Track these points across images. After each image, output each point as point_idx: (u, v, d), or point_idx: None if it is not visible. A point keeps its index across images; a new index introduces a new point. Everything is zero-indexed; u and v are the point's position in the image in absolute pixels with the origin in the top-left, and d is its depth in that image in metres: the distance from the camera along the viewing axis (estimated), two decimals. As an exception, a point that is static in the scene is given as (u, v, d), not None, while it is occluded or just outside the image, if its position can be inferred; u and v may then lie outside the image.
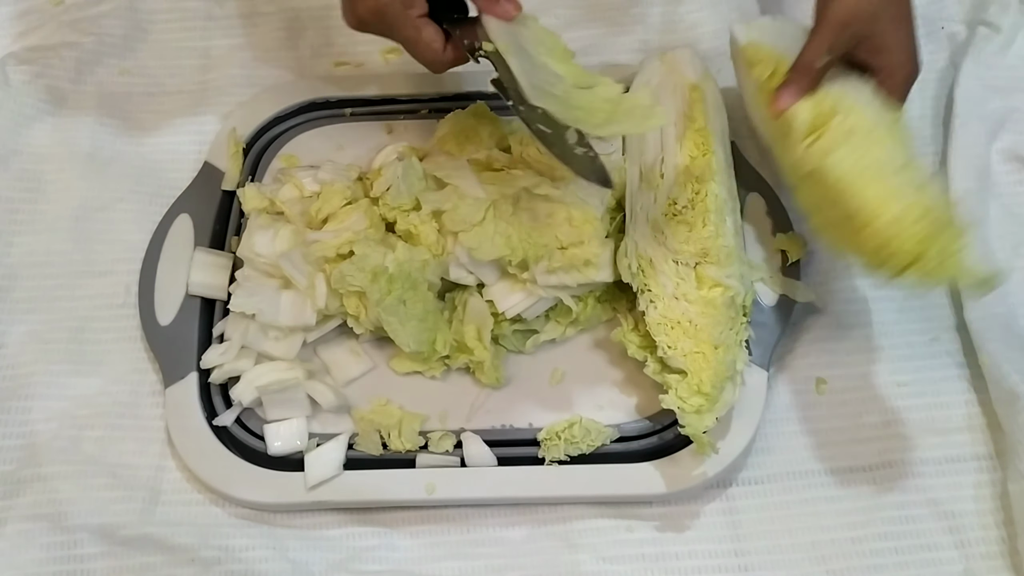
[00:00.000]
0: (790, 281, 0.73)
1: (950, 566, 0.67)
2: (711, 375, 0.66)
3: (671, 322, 0.69)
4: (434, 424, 0.72)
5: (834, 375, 0.73)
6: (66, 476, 0.71)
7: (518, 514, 0.70)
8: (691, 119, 0.75)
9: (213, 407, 0.73)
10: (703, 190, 0.72)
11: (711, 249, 0.70)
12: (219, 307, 0.76)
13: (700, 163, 0.73)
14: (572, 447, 0.70)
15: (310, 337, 0.74)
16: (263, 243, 0.74)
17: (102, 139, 0.85)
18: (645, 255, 0.71)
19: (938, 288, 0.75)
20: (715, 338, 0.68)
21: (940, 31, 0.86)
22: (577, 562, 0.68)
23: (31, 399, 0.74)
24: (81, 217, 0.81)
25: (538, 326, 0.74)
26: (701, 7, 0.89)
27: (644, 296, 0.70)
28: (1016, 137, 0.80)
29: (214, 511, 0.71)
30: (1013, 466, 0.67)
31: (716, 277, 0.69)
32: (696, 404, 0.66)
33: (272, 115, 0.84)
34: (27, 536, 0.69)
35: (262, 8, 0.91)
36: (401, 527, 0.70)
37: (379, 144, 0.81)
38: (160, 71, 0.89)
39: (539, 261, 0.70)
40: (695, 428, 0.65)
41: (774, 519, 0.69)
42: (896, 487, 0.69)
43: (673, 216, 0.72)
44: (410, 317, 0.71)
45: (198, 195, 0.80)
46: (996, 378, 0.69)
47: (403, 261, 0.71)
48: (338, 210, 0.75)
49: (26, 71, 0.86)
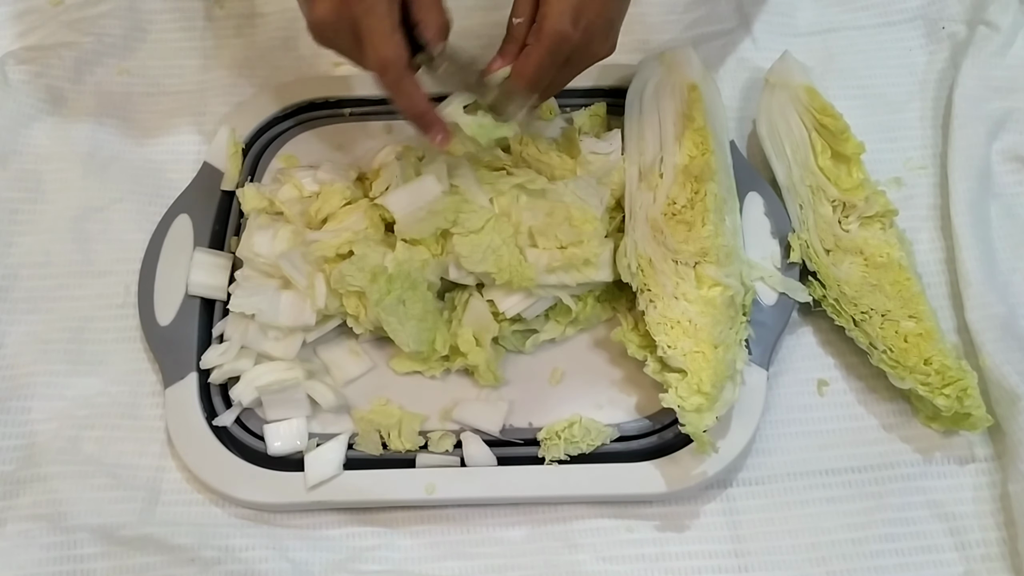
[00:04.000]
0: (790, 281, 0.73)
1: (950, 567, 0.67)
2: (711, 374, 0.66)
3: (671, 321, 0.69)
4: (434, 424, 0.72)
5: (835, 376, 0.73)
6: (66, 476, 0.71)
7: (518, 514, 0.70)
8: (690, 119, 0.75)
9: (213, 407, 0.73)
10: (702, 189, 0.72)
11: (710, 248, 0.70)
12: (219, 307, 0.76)
13: (699, 162, 0.73)
14: (572, 447, 0.70)
15: (310, 337, 0.74)
16: (262, 243, 0.74)
17: (101, 139, 0.84)
18: (644, 255, 0.71)
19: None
20: (715, 337, 0.68)
21: (940, 31, 0.86)
22: (577, 562, 0.68)
23: (31, 399, 0.74)
24: (81, 217, 0.81)
25: (538, 326, 0.74)
26: (701, 7, 0.89)
27: (644, 296, 0.70)
28: (1016, 137, 0.80)
29: (214, 511, 0.71)
30: (1013, 467, 0.67)
31: (715, 276, 0.69)
32: (696, 403, 0.66)
33: (272, 115, 0.84)
34: (27, 536, 0.69)
35: (262, 8, 0.91)
36: (401, 527, 0.70)
37: (379, 144, 0.81)
38: (160, 71, 0.89)
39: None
40: (695, 427, 0.65)
41: (774, 520, 0.69)
42: (896, 488, 0.69)
43: (672, 216, 0.72)
44: (410, 317, 0.71)
45: (197, 195, 0.80)
46: (996, 378, 0.69)
47: (402, 261, 0.71)
48: (337, 210, 0.75)
49: (25, 71, 0.86)
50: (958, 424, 0.69)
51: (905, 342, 0.70)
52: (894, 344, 0.70)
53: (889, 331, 0.70)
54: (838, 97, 0.78)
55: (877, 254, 0.73)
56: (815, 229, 0.75)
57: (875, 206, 0.74)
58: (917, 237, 0.77)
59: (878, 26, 0.88)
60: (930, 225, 0.79)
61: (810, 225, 0.75)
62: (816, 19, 0.88)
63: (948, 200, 0.77)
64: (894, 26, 0.88)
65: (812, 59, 0.81)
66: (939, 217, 0.79)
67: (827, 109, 0.76)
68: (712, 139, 0.74)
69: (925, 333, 0.70)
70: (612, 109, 0.82)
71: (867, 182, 0.75)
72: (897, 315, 0.71)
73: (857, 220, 0.74)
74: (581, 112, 0.82)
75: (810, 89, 0.77)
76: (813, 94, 0.77)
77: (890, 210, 0.74)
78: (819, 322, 0.75)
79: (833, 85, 0.82)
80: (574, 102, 0.83)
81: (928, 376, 0.68)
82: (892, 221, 0.74)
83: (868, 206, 0.74)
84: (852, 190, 0.75)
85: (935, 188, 0.80)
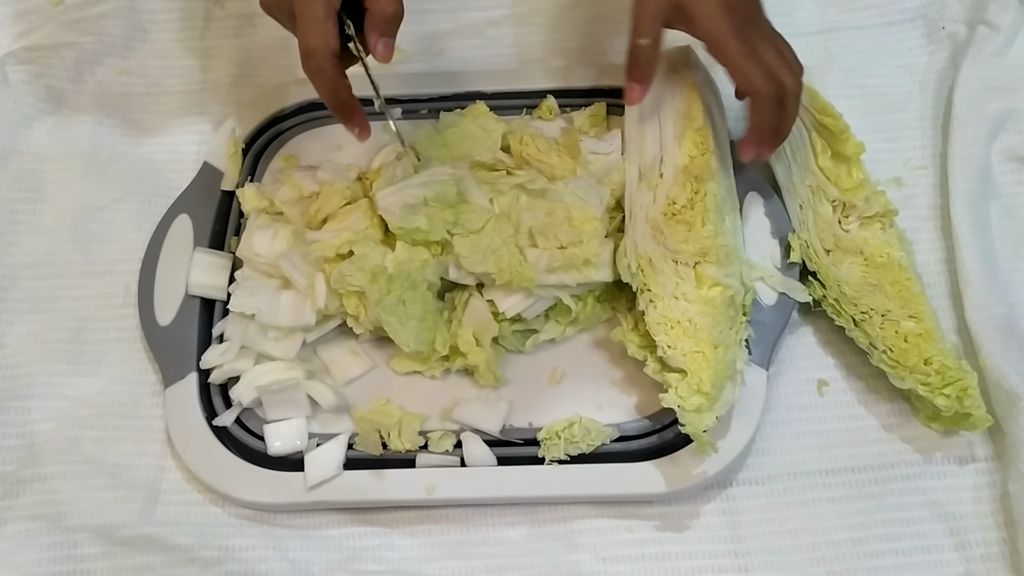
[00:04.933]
0: (790, 281, 0.73)
1: (950, 568, 0.66)
2: (711, 374, 0.66)
3: (671, 321, 0.69)
4: (434, 424, 0.72)
5: (835, 376, 0.73)
6: (66, 476, 0.71)
7: (518, 514, 0.70)
8: (690, 118, 0.75)
9: (213, 407, 0.73)
10: (702, 189, 0.72)
11: (710, 248, 0.70)
12: (219, 307, 0.76)
13: (699, 162, 0.73)
14: (572, 447, 0.69)
15: (310, 337, 0.74)
16: (262, 243, 0.74)
17: (101, 139, 0.84)
18: (644, 255, 0.71)
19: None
20: (715, 337, 0.68)
21: (940, 31, 0.86)
22: (577, 562, 0.68)
23: (31, 399, 0.74)
24: (81, 217, 0.81)
25: (538, 326, 0.74)
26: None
27: (644, 296, 0.70)
28: (1016, 137, 0.80)
29: (214, 511, 0.71)
30: (1013, 467, 0.67)
31: (715, 276, 0.69)
32: (696, 403, 0.66)
33: (271, 115, 0.84)
34: (27, 536, 0.69)
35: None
36: (401, 527, 0.70)
37: (378, 144, 0.81)
38: (160, 71, 0.89)
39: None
40: (695, 427, 0.65)
41: (774, 520, 0.69)
42: (896, 488, 0.69)
43: (672, 216, 0.72)
44: (410, 317, 0.71)
45: (197, 195, 0.80)
46: (996, 378, 0.69)
47: (402, 261, 0.71)
48: (337, 210, 0.75)
49: (26, 71, 0.86)
50: (958, 424, 0.69)
51: (905, 342, 0.70)
52: (894, 344, 0.70)
53: (889, 331, 0.70)
54: (838, 97, 0.78)
55: (877, 254, 0.73)
56: (815, 229, 0.75)
57: (875, 206, 0.74)
58: (917, 237, 0.77)
59: (878, 26, 0.88)
60: (930, 225, 0.79)
61: (810, 225, 0.75)
62: (816, 19, 0.88)
63: (948, 200, 0.77)
64: (894, 26, 0.88)
65: (812, 59, 0.81)
66: (939, 217, 0.79)
67: (827, 109, 0.76)
68: (712, 139, 0.74)
69: (925, 333, 0.70)
70: (612, 109, 0.82)
71: (867, 182, 0.75)
72: (897, 315, 0.71)
73: (857, 220, 0.74)
74: (581, 112, 0.82)
75: (810, 89, 0.77)
76: (813, 94, 0.77)
77: (890, 210, 0.74)
78: (819, 322, 0.75)
79: (833, 85, 0.82)
80: (574, 102, 0.83)
81: (928, 376, 0.68)
82: (892, 221, 0.74)
83: (868, 206, 0.74)
84: (852, 190, 0.75)
85: (935, 188, 0.80)
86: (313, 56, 0.65)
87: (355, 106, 0.69)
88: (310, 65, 0.65)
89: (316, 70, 0.66)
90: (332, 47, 0.65)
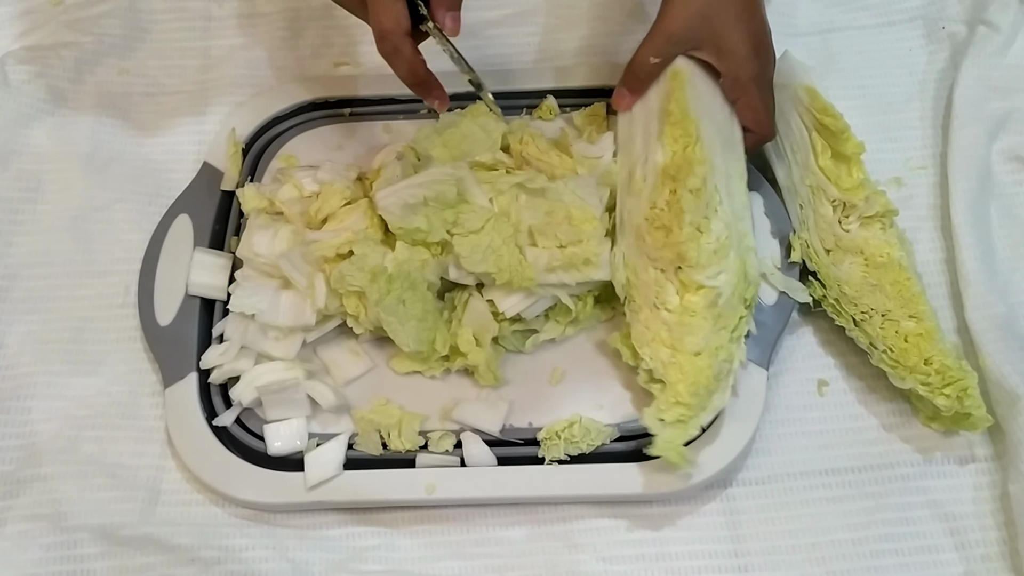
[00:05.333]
0: (790, 281, 0.73)
1: (950, 568, 0.66)
2: (688, 385, 0.66)
3: (651, 332, 0.69)
4: (434, 424, 0.72)
5: (835, 376, 0.73)
6: (66, 476, 0.71)
7: (518, 514, 0.70)
8: (667, 113, 0.73)
9: (213, 407, 0.73)
10: (679, 190, 0.70)
11: (687, 253, 0.68)
12: (219, 307, 0.76)
13: (678, 159, 0.71)
14: (572, 446, 0.69)
15: (310, 337, 0.74)
16: (263, 243, 0.74)
17: (101, 139, 0.85)
18: (631, 265, 0.71)
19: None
20: (694, 345, 0.67)
21: (940, 31, 0.86)
22: (577, 562, 0.68)
23: (31, 399, 0.74)
24: (81, 217, 0.81)
25: (538, 325, 0.74)
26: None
27: (630, 307, 0.70)
28: (1016, 137, 0.80)
29: (214, 511, 0.71)
30: (1013, 467, 0.67)
31: (698, 280, 0.68)
32: (677, 414, 0.66)
33: (272, 115, 0.84)
34: (27, 536, 0.69)
35: (262, 8, 0.91)
36: (401, 527, 0.70)
37: (378, 144, 0.81)
38: (160, 71, 0.89)
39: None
40: (668, 445, 0.65)
41: (774, 520, 0.69)
42: (896, 488, 0.69)
43: (653, 221, 0.70)
44: (410, 317, 0.71)
45: (197, 195, 0.80)
46: (996, 378, 0.69)
47: (402, 261, 0.71)
48: (337, 210, 0.75)
49: (26, 71, 0.86)
50: (958, 424, 0.69)
51: (905, 342, 0.70)
52: (894, 344, 0.70)
53: (889, 331, 0.70)
54: (838, 97, 0.78)
55: (877, 254, 0.73)
56: (815, 229, 0.74)
57: (875, 206, 0.74)
58: (917, 237, 0.77)
59: (878, 26, 0.88)
60: (930, 225, 0.79)
61: (810, 225, 0.75)
62: (816, 19, 0.88)
63: (948, 200, 0.77)
64: (894, 26, 0.88)
65: (812, 59, 0.81)
66: (939, 217, 0.79)
67: (827, 109, 0.76)
68: (697, 126, 0.71)
69: (925, 333, 0.70)
70: (612, 109, 0.82)
71: (867, 182, 0.75)
72: (897, 315, 0.71)
73: (857, 220, 0.74)
74: (580, 112, 0.82)
75: (810, 89, 0.76)
76: (813, 94, 0.77)
77: (890, 210, 0.74)
78: (819, 322, 0.75)
79: (833, 85, 0.82)
80: (574, 102, 0.83)
81: (928, 376, 0.68)
82: (892, 221, 0.74)
83: (868, 206, 0.74)
84: (852, 190, 0.74)
85: (935, 188, 0.80)
86: (388, 37, 0.65)
87: (432, 79, 0.70)
88: (385, 46, 0.66)
89: (392, 50, 0.66)
90: (405, 27, 0.65)
